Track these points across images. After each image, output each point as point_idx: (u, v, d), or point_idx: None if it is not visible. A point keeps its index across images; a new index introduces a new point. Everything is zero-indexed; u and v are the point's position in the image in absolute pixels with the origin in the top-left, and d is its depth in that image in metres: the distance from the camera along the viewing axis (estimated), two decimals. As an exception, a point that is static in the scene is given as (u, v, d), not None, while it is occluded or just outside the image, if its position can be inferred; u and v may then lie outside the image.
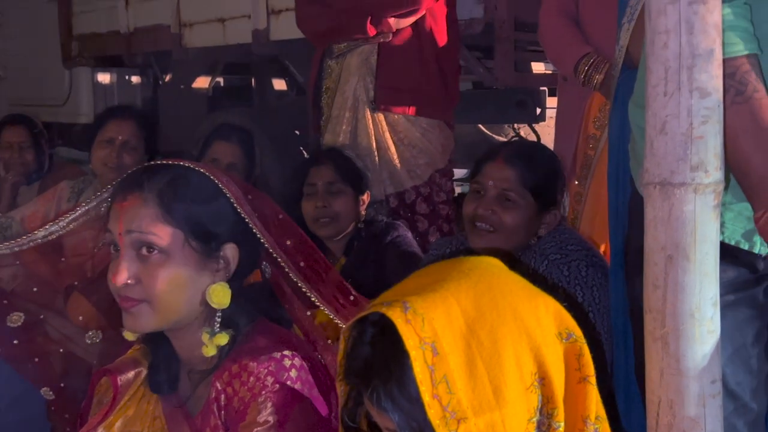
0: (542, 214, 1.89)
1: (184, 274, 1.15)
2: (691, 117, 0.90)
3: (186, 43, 4.40)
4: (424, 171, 2.76)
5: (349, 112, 2.76)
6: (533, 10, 3.17)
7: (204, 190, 1.16)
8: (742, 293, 1.20)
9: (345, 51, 2.76)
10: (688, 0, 0.90)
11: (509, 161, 1.89)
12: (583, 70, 2.23)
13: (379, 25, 2.66)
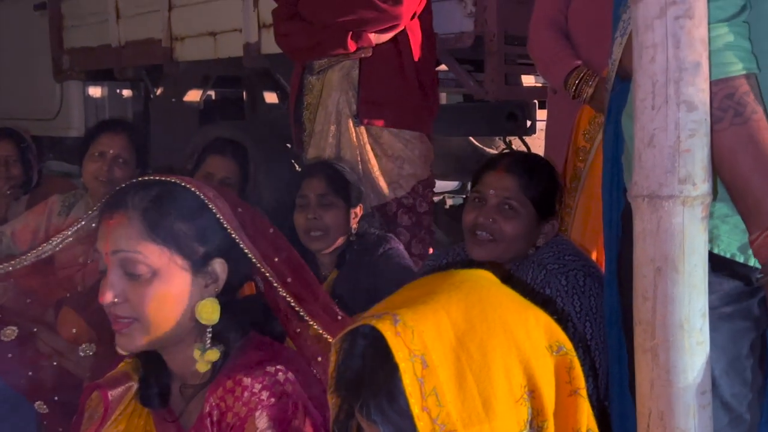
0: (541, 223, 1.91)
1: (172, 292, 1.14)
2: (678, 130, 0.91)
3: (177, 56, 4.41)
4: (407, 182, 2.78)
5: (332, 126, 2.77)
6: (523, 24, 3.20)
7: (190, 206, 1.16)
8: (737, 305, 1.20)
9: (326, 67, 2.78)
10: (674, 15, 0.91)
11: (510, 170, 1.90)
12: (573, 83, 2.25)
13: (360, 41, 2.68)
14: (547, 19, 2.42)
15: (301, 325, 1.21)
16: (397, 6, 2.63)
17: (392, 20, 2.65)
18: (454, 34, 3.16)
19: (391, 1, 2.63)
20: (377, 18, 2.65)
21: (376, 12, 2.63)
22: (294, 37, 2.84)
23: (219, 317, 1.17)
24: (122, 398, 1.24)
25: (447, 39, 3.11)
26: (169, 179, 1.18)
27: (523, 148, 4.08)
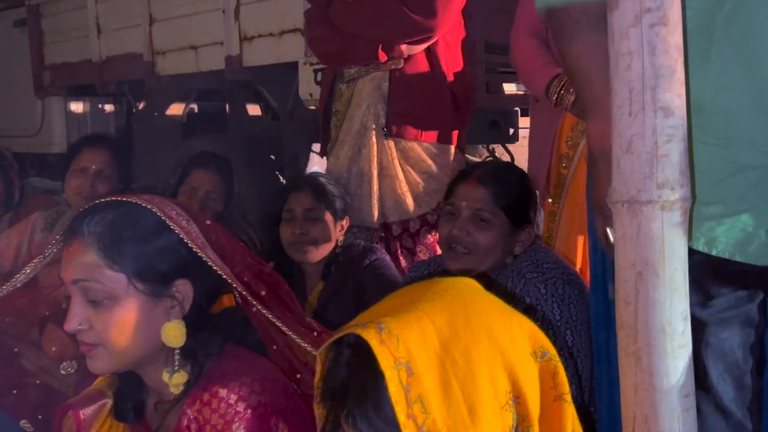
0: (517, 232, 1.92)
1: (134, 317, 1.14)
2: (656, 136, 0.92)
3: (159, 70, 4.40)
4: (432, 198, 2.69)
5: (354, 138, 2.70)
6: (504, 33, 3.21)
7: (149, 227, 1.15)
8: (735, 310, 1.20)
9: (356, 76, 2.71)
10: (649, 22, 0.92)
11: (481, 182, 1.92)
12: (555, 91, 2.26)
13: (391, 52, 2.60)
14: (528, 28, 2.43)
15: (279, 338, 1.20)
16: (431, 18, 2.55)
17: (425, 32, 2.58)
18: (435, 43, 3.17)
19: (425, 13, 2.55)
20: (410, 30, 2.57)
21: (409, 23, 2.56)
22: (325, 42, 2.76)
23: (188, 337, 1.17)
24: (97, 415, 1.24)
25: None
26: (128, 200, 1.17)
27: (506, 155, 4.10)
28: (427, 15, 2.54)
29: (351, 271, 2.42)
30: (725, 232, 1.13)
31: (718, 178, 1.11)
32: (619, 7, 0.93)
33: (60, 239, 1.19)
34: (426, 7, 2.53)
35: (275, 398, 1.14)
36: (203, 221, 1.20)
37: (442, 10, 2.56)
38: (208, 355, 1.19)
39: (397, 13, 2.54)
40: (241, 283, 1.17)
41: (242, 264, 1.20)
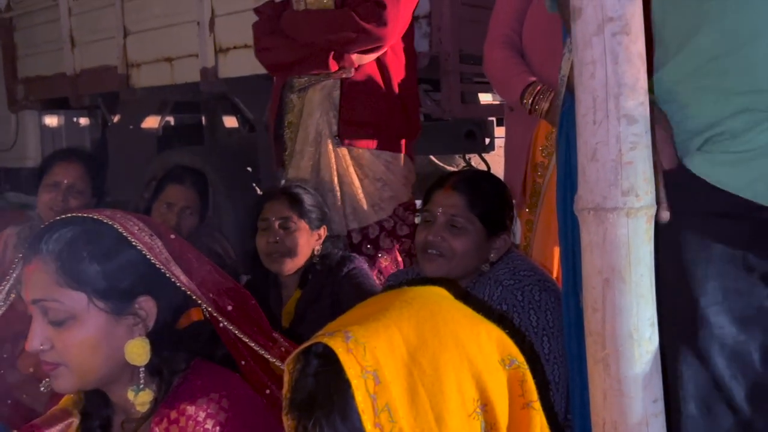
0: (492, 239, 1.94)
1: (96, 336, 1.13)
2: (620, 143, 0.93)
3: (134, 83, 4.38)
4: (388, 204, 2.74)
5: (311, 146, 2.72)
6: (478, 43, 3.24)
7: (109, 244, 1.13)
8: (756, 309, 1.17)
9: (306, 85, 2.73)
10: (612, 31, 0.93)
11: (456, 188, 1.95)
12: (529, 99, 2.28)
13: (342, 61, 2.64)
14: (501, 39, 2.45)
15: (247, 353, 1.19)
16: (382, 27, 2.59)
17: (376, 41, 2.61)
18: (410, 54, 3.18)
19: (376, 22, 2.58)
20: (361, 39, 2.60)
21: (361, 33, 2.59)
22: (275, 53, 2.78)
23: (153, 354, 1.15)
24: None
25: (403, 59, 3.13)
26: (89, 216, 1.15)
27: (482, 165, 4.12)
28: (379, 24, 2.59)
29: (328, 281, 2.41)
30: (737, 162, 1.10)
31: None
32: (582, 16, 0.94)
33: (20, 258, 1.17)
34: (377, 17, 2.58)
35: (244, 414, 1.13)
36: (167, 236, 1.19)
37: (392, 20, 2.60)
38: (175, 372, 1.18)
39: (350, 23, 2.58)
40: (207, 299, 1.16)
41: (208, 279, 1.19)
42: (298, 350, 0.88)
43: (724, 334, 1.16)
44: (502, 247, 1.95)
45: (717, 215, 1.13)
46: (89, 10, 4.64)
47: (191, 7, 3.96)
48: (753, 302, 1.15)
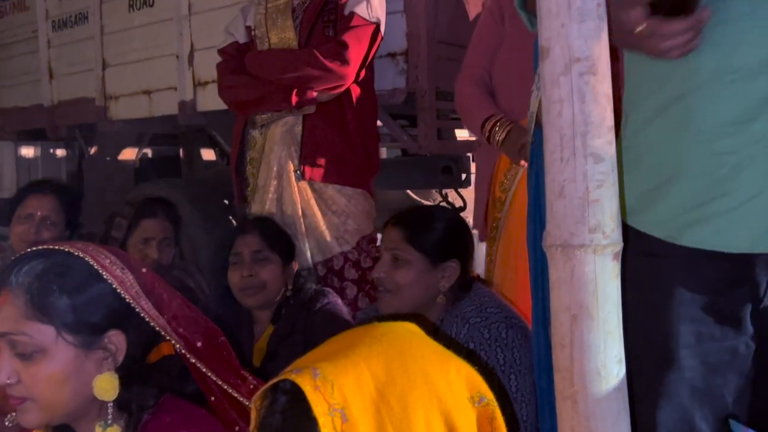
0: (437, 267, 1.97)
1: (64, 370, 1.11)
2: (586, 181, 0.94)
3: (111, 115, 4.37)
4: (352, 236, 2.77)
5: (275, 180, 2.76)
6: (454, 81, 3.29)
7: (80, 277, 1.13)
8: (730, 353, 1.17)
9: (268, 122, 2.79)
10: (579, 71, 0.95)
11: (396, 224, 2.02)
12: (488, 128, 2.34)
13: (304, 98, 2.69)
14: (471, 76, 2.53)
15: (217, 389, 1.18)
16: (344, 66, 2.65)
17: (338, 80, 2.67)
18: (387, 90, 3.22)
19: (339, 61, 2.64)
20: (323, 77, 2.66)
21: (323, 71, 2.64)
22: (238, 90, 2.84)
23: (122, 389, 1.14)
24: None
25: (381, 95, 3.16)
26: (60, 248, 1.15)
27: (458, 200, 4.14)
28: (341, 63, 2.64)
29: (302, 316, 2.40)
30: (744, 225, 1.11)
31: (717, 173, 1.11)
32: (550, 55, 0.96)
33: None
34: (339, 56, 2.64)
35: None
36: (139, 269, 1.18)
37: (354, 59, 2.66)
38: (144, 407, 1.16)
39: (313, 61, 2.64)
40: (177, 335, 1.15)
41: (179, 314, 1.18)
42: (265, 387, 0.88)
43: (696, 377, 1.17)
44: (450, 274, 1.97)
45: (687, 258, 1.15)
46: (68, 42, 4.64)
47: (171, 40, 3.98)
48: (726, 347, 1.16)
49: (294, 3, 2.82)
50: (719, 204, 1.11)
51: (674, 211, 1.15)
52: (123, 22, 4.25)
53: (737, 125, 1.08)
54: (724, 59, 1.09)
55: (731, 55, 1.08)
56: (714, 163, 1.11)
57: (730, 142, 1.09)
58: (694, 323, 1.15)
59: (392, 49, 3.15)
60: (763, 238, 1.09)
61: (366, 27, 2.69)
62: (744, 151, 1.09)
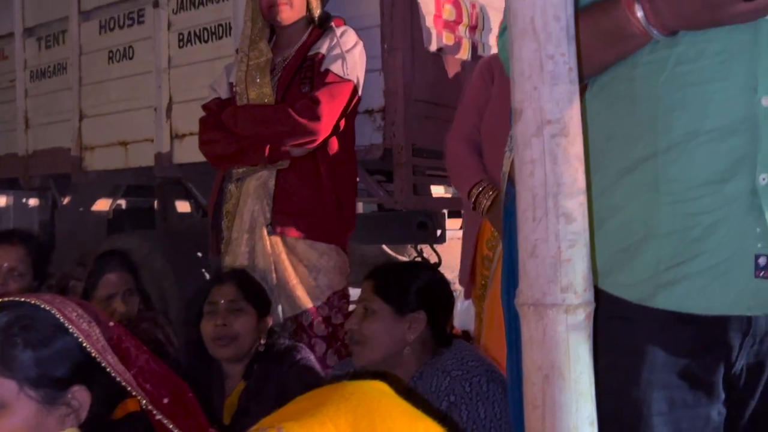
0: (404, 317, 1.99)
1: (25, 426, 1.09)
2: (558, 241, 0.95)
3: (86, 166, 4.35)
4: (322, 292, 2.77)
5: (247, 234, 2.78)
6: (430, 138, 3.34)
7: (44, 330, 1.11)
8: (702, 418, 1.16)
9: (243, 175, 2.81)
10: (551, 133, 0.97)
11: (368, 276, 2.09)
12: (474, 195, 2.35)
13: (278, 153, 2.72)
14: (461, 135, 2.57)
15: None
16: (315, 122, 2.68)
17: (310, 135, 2.70)
18: (365, 146, 3.24)
19: (309, 117, 2.67)
20: (294, 132, 2.69)
21: (294, 126, 2.68)
22: (216, 145, 2.87)
23: None
24: None
25: (358, 150, 3.19)
26: (27, 300, 1.13)
27: (434, 256, 4.15)
28: (313, 119, 2.68)
29: (274, 371, 2.37)
30: (692, 278, 1.11)
31: (690, 233, 1.12)
32: (522, 117, 0.97)
33: None
34: (311, 111, 2.68)
35: None
36: (106, 323, 1.16)
37: (326, 115, 2.70)
38: None
39: (284, 116, 2.69)
40: (143, 391, 1.13)
41: (146, 369, 1.16)
42: (231, 446, 0.86)
43: None
44: (417, 325, 1.99)
45: (660, 321, 1.15)
46: (46, 92, 4.64)
47: (149, 93, 3.99)
48: (699, 414, 1.15)
49: (275, 61, 2.87)
50: (692, 265, 1.11)
51: (646, 272, 1.15)
52: (102, 73, 4.26)
53: (710, 186, 1.09)
54: (696, 120, 1.10)
55: (702, 116, 1.10)
56: (686, 224, 1.11)
57: (703, 202, 1.10)
58: (667, 389, 1.14)
59: (370, 106, 3.19)
60: (737, 300, 1.10)
61: (340, 84, 2.73)
62: (717, 212, 1.10)
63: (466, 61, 3.54)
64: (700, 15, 1.03)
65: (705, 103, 1.09)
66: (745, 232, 1.08)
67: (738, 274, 1.09)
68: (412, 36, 3.21)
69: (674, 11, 1.05)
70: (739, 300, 1.09)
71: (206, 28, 3.74)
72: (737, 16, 1.02)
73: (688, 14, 1.04)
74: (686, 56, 1.10)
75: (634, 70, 1.15)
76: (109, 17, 4.24)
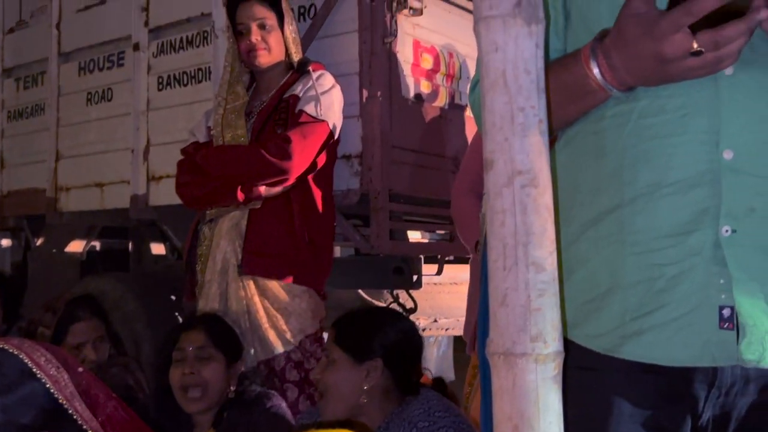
0: (361, 366, 2.00)
1: None
2: (528, 290, 0.95)
3: (61, 207, 4.32)
4: (294, 336, 2.74)
5: (219, 276, 2.76)
6: (407, 183, 3.36)
7: (11, 376, 1.09)
8: None
9: (216, 216, 2.81)
10: (521, 184, 0.98)
11: (331, 327, 2.11)
12: (480, 250, 2.37)
13: (249, 193, 2.72)
14: (466, 185, 2.61)
15: None
16: (286, 161, 2.68)
17: (281, 174, 2.70)
18: (342, 191, 3.26)
19: (280, 156, 2.68)
20: (266, 171, 2.69)
21: (264, 165, 2.68)
22: (191, 187, 2.87)
23: None
24: None
25: (335, 195, 3.21)
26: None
27: (410, 301, 4.14)
28: (283, 158, 2.69)
29: (244, 419, 2.33)
30: (682, 338, 1.11)
31: (655, 284, 1.12)
32: (494, 168, 0.99)
33: None
34: (281, 150, 2.69)
35: None
36: (75, 369, 1.15)
37: (297, 154, 2.71)
38: None
39: (255, 156, 2.70)
40: None
41: (114, 416, 1.14)
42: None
43: None
44: (373, 375, 1.98)
45: (627, 371, 1.15)
46: (23, 133, 4.63)
47: (127, 135, 4.00)
48: None
49: (253, 105, 2.90)
50: (658, 316, 1.12)
51: (612, 323, 1.15)
52: (80, 114, 4.27)
53: (674, 237, 1.11)
54: (659, 172, 1.12)
55: (666, 168, 1.11)
56: (652, 275, 1.12)
57: (668, 254, 1.11)
58: None
59: (348, 151, 3.21)
60: (701, 351, 1.10)
61: (313, 124, 2.75)
62: (682, 263, 1.11)
63: (444, 109, 3.59)
64: (653, 71, 1.05)
65: (668, 156, 1.11)
66: (709, 283, 1.09)
67: (702, 325, 1.10)
68: (390, 84, 3.26)
69: (628, 68, 1.07)
70: (704, 351, 1.10)
71: (186, 72, 3.77)
72: (688, 72, 1.04)
73: (641, 70, 1.07)
74: (649, 110, 1.13)
75: (600, 123, 1.18)
76: (89, 59, 4.26)
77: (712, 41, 0.98)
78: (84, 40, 4.27)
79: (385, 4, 3.22)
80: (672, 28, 1.00)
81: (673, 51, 1.01)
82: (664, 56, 1.02)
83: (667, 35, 1.00)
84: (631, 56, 1.06)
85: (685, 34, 0.99)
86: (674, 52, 1.01)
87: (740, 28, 0.98)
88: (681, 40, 1.00)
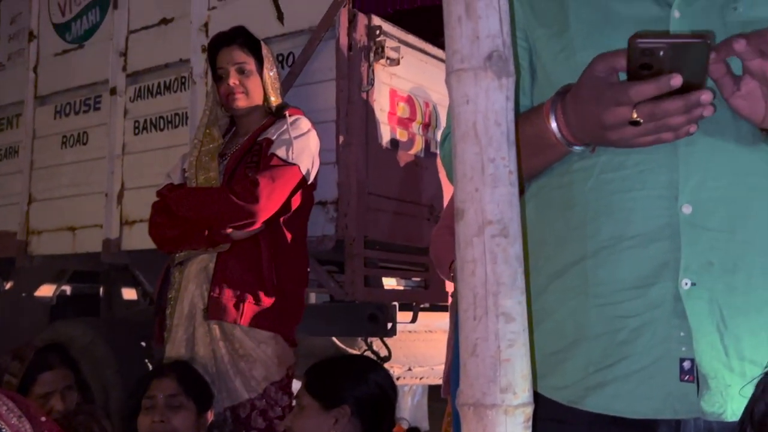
0: (330, 413, 2.00)
1: None
2: (498, 340, 0.95)
3: (32, 250, 4.27)
4: (258, 383, 2.68)
5: (186, 320, 2.71)
6: (382, 230, 3.37)
7: None
8: None
9: (185, 259, 2.79)
10: (491, 233, 0.98)
11: (304, 374, 2.13)
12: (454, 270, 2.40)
13: (217, 235, 2.70)
14: (445, 224, 2.66)
15: None
16: (253, 203, 2.66)
17: (248, 217, 2.68)
18: (317, 237, 3.25)
19: (247, 199, 2.67)
20: (233, 214, 2.67)
21: (232, 208, 2.67)
22: (162, 228, 2.85)
23: None
24: None
25: (310, 241, 3.20)
26: None
27: (384, 349, 4.11)
28: (250, 200, 2.67)
29: (213, 469, 2.29)
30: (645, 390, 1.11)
31: (617, 336, 1.13)
32: (464, 217, 0.99)
33: None
34: (249, 192, 2.68)
35: None
36: (38, 418, 1.12)
37: (264, 197, 2.69)
38: None
39: (223, 198, 2.69)
40: None
41: None
42: None
43: None
44: (341, 419, 1.98)
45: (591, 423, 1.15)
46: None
47: (101, 178, 3.98)
48: None
49: (229, 147, 2.90)
50: (620, 368, 1.12)
51: (577, 375, 1.16)
52: (54, 158, 4.25)
53: (636, 290, 1.12)
54: (621, 226, 1.14)
55: (627, 222, 1.13)
56: (614, 327, 1.13)
57: (630, 306, 1.12)
58: None
59: (324, 197, 3.22)
60: (663, 404, 1.10)
61: (283, 168, 2.74)
62: (643, 316, 1.12)
63: (419, 157, 3.62)
64: (595, 134, 1.09)
65: (629, 211, 1.13)
66: (670, 335, 1.10)
67: (664, 377, 1.10)
68: (366, 131, 3.29)
69: (580, 126, 1.11)
70: (666, 404, 1.10)
71: (162, 117, 3.78)
72: (627, 140, 1.07)
73: (588, 132, 1.10)
74: (609, 166, 1.15)
75: (564, 177, 1.20)
76: (65, 102, 4.25)
77: (649, 113, 1.02)
78: (61, 84, 4.27)
79: (362, 54, 3.27)
80: (613, 101, 1.04)
81: (611, 119, 1.05)
82: (604, 123, 1.06)
83: (609, 105, 1.04)
84: (580, 116, 1.10)
85: (628, 107, 1.03)
86: (613, 120, 1.05)
87: (677, 104, 1.00)
88: (621, 110, 1.04)
